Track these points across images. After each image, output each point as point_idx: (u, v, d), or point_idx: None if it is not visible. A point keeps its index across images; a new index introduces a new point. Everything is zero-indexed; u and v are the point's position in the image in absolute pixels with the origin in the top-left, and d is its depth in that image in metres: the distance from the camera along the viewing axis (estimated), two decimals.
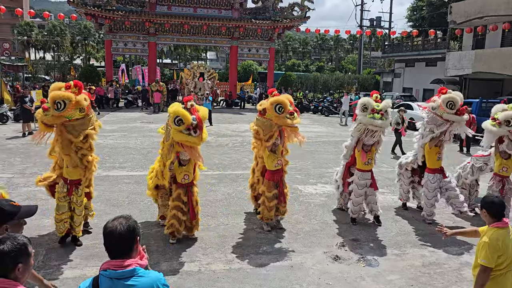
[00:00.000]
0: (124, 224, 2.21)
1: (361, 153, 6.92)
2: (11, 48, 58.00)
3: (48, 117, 5.19)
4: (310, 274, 5.23)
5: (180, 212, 5.90)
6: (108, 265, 2.17)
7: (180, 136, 5.37)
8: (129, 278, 2.14)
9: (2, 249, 2.04)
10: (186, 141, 5.41)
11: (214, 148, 13.31)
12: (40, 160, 10.87)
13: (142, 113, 23.71)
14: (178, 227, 5.91)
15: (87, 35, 59.67)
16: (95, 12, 26.80)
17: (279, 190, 6.56)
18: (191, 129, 5.34)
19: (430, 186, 7.14)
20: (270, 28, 30.02)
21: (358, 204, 7.04)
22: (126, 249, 2.20)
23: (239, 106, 29.50)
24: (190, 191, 6.00)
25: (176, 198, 5.93)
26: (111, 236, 2.19)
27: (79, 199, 5.74)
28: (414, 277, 5.25)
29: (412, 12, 42.29)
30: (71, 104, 5.16)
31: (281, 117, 6.13)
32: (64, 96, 5.12)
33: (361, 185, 6.95)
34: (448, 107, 6.73)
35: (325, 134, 17.85)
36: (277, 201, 6.56)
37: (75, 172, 5.66)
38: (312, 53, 76.58)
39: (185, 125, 5.31)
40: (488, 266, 3.35)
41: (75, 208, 5.72)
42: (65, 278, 4.88)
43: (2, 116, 17.89)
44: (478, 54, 24.46)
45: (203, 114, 5.60)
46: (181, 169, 5.92)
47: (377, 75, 40.50)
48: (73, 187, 5.69)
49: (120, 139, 14.40)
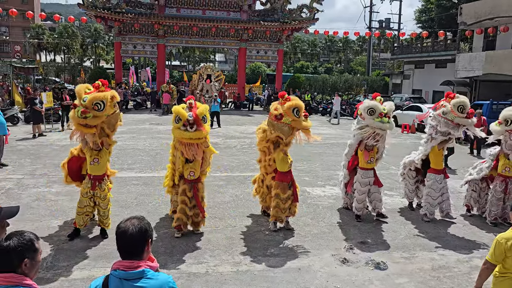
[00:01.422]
0: (137, 225, 2.21)
1: (364, 152, 7.09)
2: (22, 50, 58.80)
3: (90, 119, 5.48)
4: (318, 277, 5.20)
5: (187, 206, 6.17)
6: (118, 265, 2.18)
7: (177, 132, 5.75)
8: (138, 280, 2.14)
9: (8, 245, 2.09)
10: (182, 137, 5.74)
11: (222, 150, 13.33)
12: (50, 161, 10.97)
13: (151, 115, 23.82)
14: (185, 221, 6.21)
15: (97, 37, 60.28)
16: (104, 15, 27.00)
17: (292, 191, 6.65)
18: (187, 125, 5.66)
19: (437, 187, 7.21)
20: (279, 30, 30.01)
21: (362, 201, 7.22)
22: (137, 250, 2.20)
23: (248, 108, 29.52)
24: (195, 187, 6.26)
25: (182, 193, 6.20)
26: (123, 236, 2.19)
27: (103, 194, 6.08)
28: (423, 281, 5.20)
29: (420, 14, 42.01)
30: (109, 102, 5.61)
31: (299, 120, 6.30)
32: (102, 97, 5.53)
33: (364, 183, 7.13)
34: (459, 111, 6.85)
35: (333, 136, 17.78)
36: (293, 201, 6.68)
37: (99, 168, 6.03)
38: (321, 55, 76.45)
39: (182, 121, 5.67)
40: (490, 261, 3.40)
41: (100, 203, 6.07)
42: (74, 279, 4.91)
43: (13, 118, 18.08)
44: (488, 56, 24.20)
45: (200, 111, 5.83)
46: (187, 166, 6.18)
47: (386, 76, 40.27)
48: (96, 182, 6.04)
49: (128, 140, 14.47)
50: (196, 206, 6.28)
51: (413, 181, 8.03)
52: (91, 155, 6.01)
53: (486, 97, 21.70)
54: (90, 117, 5.45)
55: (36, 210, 7.24)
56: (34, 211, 7.18)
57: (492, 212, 7.31)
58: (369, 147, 7.06)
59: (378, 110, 6.65)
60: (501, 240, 3.34)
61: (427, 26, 39.16)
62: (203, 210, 6.35)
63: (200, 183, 6.34)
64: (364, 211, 7.36)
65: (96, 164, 6.01)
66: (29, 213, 7.03)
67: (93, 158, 6.00)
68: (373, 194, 7.20)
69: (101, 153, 6.06)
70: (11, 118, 17.92)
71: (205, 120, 5.91)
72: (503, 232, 3.47)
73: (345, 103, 28.49)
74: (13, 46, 58.38)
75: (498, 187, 7.24)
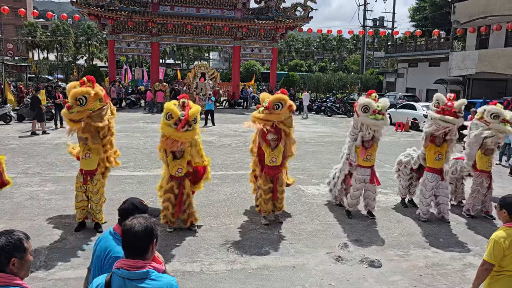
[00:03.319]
0: (143, 224, 2.19)
1: (361, 149, 7.13)
2: (15, 48, 58.20)
3: (74, 113, 5.70)
4: (312, 275, 5.21)
5: (171, 204, 6.26)
6: (122, 264, 2.16)
7: (166, 129, 5.82)
8: (142, 281, 2.11)
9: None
10: (171, 135, 5.83)
11: (216, 148, 13.31)
12: (42, 160, 10.90)
13: (145, 113, 23.73)
14: (170, 217, 6.28)
15: (90, 35, 59.85)
16: (98, 12, 26.82)
17: (273, 186, 6.73)
18: (178, 123, 5.73)
19: (428, 185, 7.23)
20: (273, 28, 29.98)
21: (355, 197, 7.29)
22: (141, 249, 2.17)
23: (242, 106, 29.50)
24: (182, 185, 6.32)
25: (169, 190, 6.28)
26: (127, 234, 2.17)
27: (95, 188, 6.20)
28: (417, 278, 5.23)
29: (414, 12, 42.17)
30: (91, 97, 5.74)
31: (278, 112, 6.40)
32: (83, 92, 5.69)
33: (359, 180, 7.17)
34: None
35: (327, 134, 17.82)
36: (272, 195, 6.74)
37: (90, 163, 6.17)
38: (315, 53, 76.56)
39: (174, 119, 5.73)
40: (489, 262, 3.37)
41: (92, 197, 6.21)
42: (67, 278, 4.88)
43: (6, 116, 17.94)
44: (481, 54, 24.36)
45: (193, 111, 5.88)
46: (175, 163, 6.23)
47: (380, 75, 40.41)
48: (88, 176, 6.17)
49: (122, 139, 14.40)
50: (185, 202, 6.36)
51: (407, 178, 8.13)
52: (84, 149, 6.18)
53: (479, 95, 21.86)
54: (74, 112, 5.68)
55: (30, 209, 7.19)
56: (27, 210, 7.13)
57: (475, 207, 7.60)
58: (367, 144, 7.08)
59: (372, 108, 6.74)
60: (499, 240, 3.33)
61: (421, 24, 39.32)
62: (180, 209, 6.34)
63: (187, 180, 6.40)
64: (356, 207, 7.42)
65: (88, 159, 6.16)
66: (22, 212, 6.98)
67: (85, 153, 6.16)
68: (367, 192, 7.25)
69: (93, 148, 6.15)
70: (3, 117, 17.79)
71: (195, 121, 5.96)
72: (497, 231, 3.46)
73: (339, 101, 28.61)
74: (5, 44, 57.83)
75: (485, 183, 7.51)
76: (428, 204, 7.31)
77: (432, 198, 7.30)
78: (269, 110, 6.35)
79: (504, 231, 3.38)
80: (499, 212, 3.55)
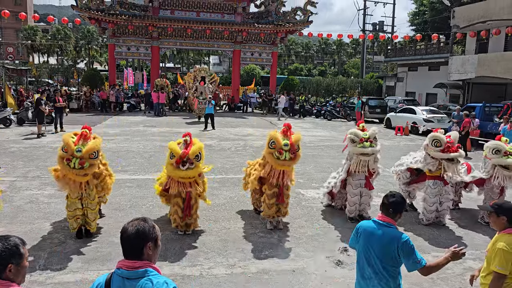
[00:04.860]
0: (136, 226, 2.24)
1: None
2: (15, 52, 58.32)
3: (87, 168, 5.68)
4: (312, 279, 5.20)
5: (179, 208, 6.30)
6: (121, 264, 2.21)
7: (169, 168, 5.96)
8: (140, 279, 2.16)
9: None
10: (173, 175, 5.96)
11: (216, 152, 13.31)
12: (42, 163, 10.89)
13: (145, 117, 23.74)
14: (179, 221, 6.32)
15: (91, 39, 60.00)
16: (98, 16, 26.90)
17: (279, 189, 6.65)
18: (179, 162, 5.82)
19: (432, 192, 7.22)
20: (273, 32, 30.06)
21: (354, 204, 7.33)
22: (134, 250, 2.21)
23: (242, 110, 29.53)
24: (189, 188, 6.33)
25: (177, 194, 6.29)
26: (122, 235, 2.24)
27: (92, 193, 6.08)
28: (417, 282, 5.21)
29: (414, 17, 42.28)
30: (100, 150, 6.00)
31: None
32: (96, 147, 5.78)
33: (355, 185, 7.23)
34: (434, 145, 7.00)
35: (327, 138, 17.82)
36: (277, 200, 6.66)
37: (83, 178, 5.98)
38: (315, 57, 76.70)
39: (175, 158, 5.85)
40: (503, 273, 3.22)
41: (89, 203, 6.06)
42: (67, 282, 4.86)
43: (6, 120, 17.95)
44: (481, 59, 24.40)
45: (194, 150, 5.95)
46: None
47: (379, 79, 40.46)
48: (83, 182, 6.01)
49: (122, 142, 14.41)
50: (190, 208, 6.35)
51: (407, 182, 8.13)
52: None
53: (479, 99, 21.88)
54: (87, 166, 5.66)
55: (29, 212, 7.18)
56: (27, 213, 7.12)
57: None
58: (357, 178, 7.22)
59: (358, 138, 6.90)
60: (507, 249, 3.22)
61: (421, 28, 39.40)
62: (189, 214, 6.38)
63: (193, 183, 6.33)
64: (356, 213, 7.41)
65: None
66: (21, 216, 6.97)
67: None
68: (363, 197, 7.30)
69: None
70: (3, 120, 17.81)
71: (198, 158, 5.99)
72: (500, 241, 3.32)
73: (339, 105, 28.68)
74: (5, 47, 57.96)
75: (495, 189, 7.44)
76: (433, 211, 7.27)
77: (437, 206, 7.25)
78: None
79: (509, 238, 3.28)
80: (496, 219, 3.42)
